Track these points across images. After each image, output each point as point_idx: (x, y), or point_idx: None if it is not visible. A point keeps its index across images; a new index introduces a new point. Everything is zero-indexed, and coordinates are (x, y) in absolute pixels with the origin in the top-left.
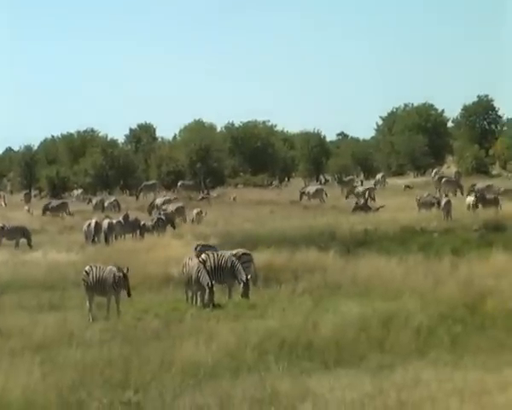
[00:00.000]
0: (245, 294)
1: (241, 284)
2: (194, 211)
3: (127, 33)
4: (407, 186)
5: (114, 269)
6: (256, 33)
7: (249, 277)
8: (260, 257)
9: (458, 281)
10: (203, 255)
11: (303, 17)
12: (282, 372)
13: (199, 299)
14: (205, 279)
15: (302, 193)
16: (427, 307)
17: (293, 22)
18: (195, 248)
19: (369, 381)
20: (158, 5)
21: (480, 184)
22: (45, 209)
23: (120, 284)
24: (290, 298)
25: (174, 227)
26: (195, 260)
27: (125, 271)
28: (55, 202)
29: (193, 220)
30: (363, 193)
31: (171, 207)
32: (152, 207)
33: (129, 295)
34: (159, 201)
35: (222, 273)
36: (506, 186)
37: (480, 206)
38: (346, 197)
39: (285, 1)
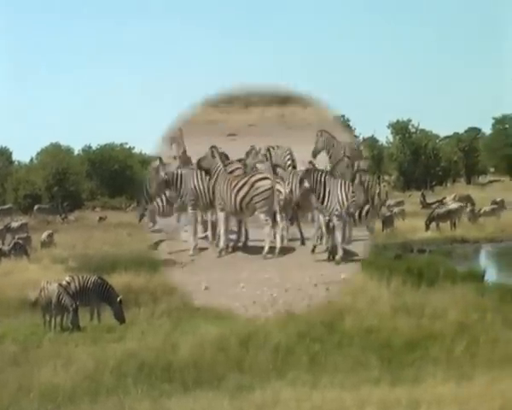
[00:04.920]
0: (118, 316)
1: (113, 307)
2: (45, 233)
3: None
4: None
5: None
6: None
7: (120, 297)
8: (119, 280)
9: None
10: (67, 277)
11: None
12: (141, 395)
13: (57, 323)
14: (68, 301)
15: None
16: (285, 327)
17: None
18: None
19: (227, 402)
20: None
21: None
22: None
23: None
24: (149, 320)
25: (28, 255)
26: (55, 284)
27: None
28: None
29: (43, 243)
30: None
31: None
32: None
33: None
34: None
35: (87, 295)
36: None
37: None
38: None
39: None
